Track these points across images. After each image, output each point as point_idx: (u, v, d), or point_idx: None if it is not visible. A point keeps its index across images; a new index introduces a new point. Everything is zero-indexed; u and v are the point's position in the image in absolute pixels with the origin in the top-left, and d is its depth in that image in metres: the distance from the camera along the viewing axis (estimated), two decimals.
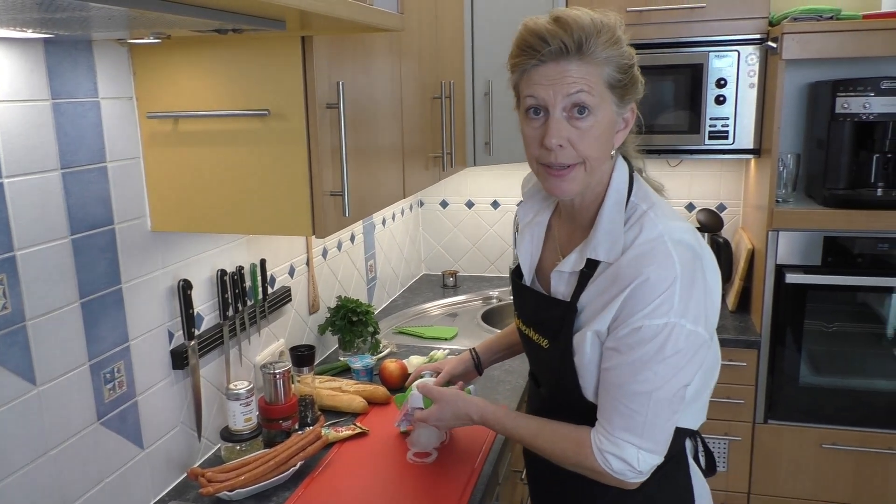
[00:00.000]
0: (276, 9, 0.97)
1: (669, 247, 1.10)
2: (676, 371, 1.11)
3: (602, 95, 1.12)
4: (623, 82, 1.13)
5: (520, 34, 1.14)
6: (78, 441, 1.31)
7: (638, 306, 1.09)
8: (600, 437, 1.15)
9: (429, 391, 1.47)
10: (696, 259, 1.13)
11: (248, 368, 1.83)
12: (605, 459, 1.14)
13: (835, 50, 2.22)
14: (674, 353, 1.10)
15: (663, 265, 1.09)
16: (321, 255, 2.26)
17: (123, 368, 1.41)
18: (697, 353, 1.13)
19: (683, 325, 1.09)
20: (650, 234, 1.13)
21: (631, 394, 1.12)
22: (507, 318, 2.82)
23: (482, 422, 1.38)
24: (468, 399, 1.42)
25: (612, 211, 1.18)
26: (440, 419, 1.44)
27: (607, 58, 1.11)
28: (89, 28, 1.04)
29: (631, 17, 2.48)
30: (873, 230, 2.29)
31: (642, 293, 1.09)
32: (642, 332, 1.09)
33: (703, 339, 1.13)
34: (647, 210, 1.17)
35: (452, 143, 2.23)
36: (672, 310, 1.08)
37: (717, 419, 2.50)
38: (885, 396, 2.41)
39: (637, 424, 1.12)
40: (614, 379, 1.14)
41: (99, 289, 1.34)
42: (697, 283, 1.11)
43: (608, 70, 1.11)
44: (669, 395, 1.12)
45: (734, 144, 2.49)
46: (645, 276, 1.09)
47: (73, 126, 1.26)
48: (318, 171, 1.36)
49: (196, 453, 1.65)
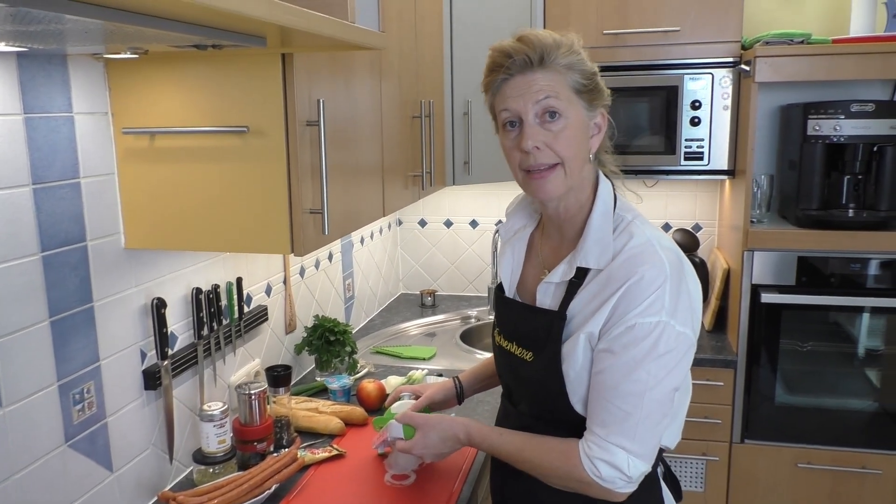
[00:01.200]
0: (256, 25, 0.96)
1: (658, 249, 1.15)
2: (668, 371, 1.13)
3: (570, 99, 1.19)
4: (588, 87, 1.20)
5: (488, 56, 1.22)
6: (45, 464, 1.27)
7: (631, 305, 1.13)
8: (590, 443, 1.16)
9: (410, 418, 1.43)
10: (681, 265, 1.18)
11: (223, 389, 1.80)
12: (595, 467, 1.14)
13: (806, 73, 2.27)
14: (666, 352, 1.13)
15: (655, 265, 1.14)
16: (299, 273, 2.24)
17: (93, 389, 1.38)
18: (686, 355, 1.17)
19: (674, 325, 1.13)
20: (640, 239, 1.18)
21: (624, 394, 1.13)
22: (486, 338, 2.81)
23: (468, 440, 1.35)
24: (452, 419, 1.39)
25: (600, 221, 1.22)
26: (426, 446, 1.39)
27: (569, 65, 1.18)
28: (64, 42, 1.03)
29: (607, 40, 2.51)
30: (845, 250, 2.32)
31: (636, 291, 1.13)
32: (636, 330, 1.12)
33: (691, 341, 1.17)
34: (632, 219, 1.22)
35: (432, 162, 2.23)
36: (664, 309, 1.12)
37: (694, 439, 2.51)
38: (858, 415, 2.43)
39: (629, 427, 1.13)
40: (607, 381, 1.15)
41: (70, 307, 1.31)
42: (683, 288, 1.16)
43: (572, 76, 1.19)
44: (661, 397, 1.14)
45: (709, 165, 2.53)
46: (640, 275, 1.13)
47: (45, 141, 1.24)
48: (297, 188, 1.35)
49: (167, 476, 1.61)
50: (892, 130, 2.27)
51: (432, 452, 1.41)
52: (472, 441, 1.35)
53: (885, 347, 2.41)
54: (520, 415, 1.37)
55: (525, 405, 1.36)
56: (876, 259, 2.32)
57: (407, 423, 1.43)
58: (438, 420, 1.40)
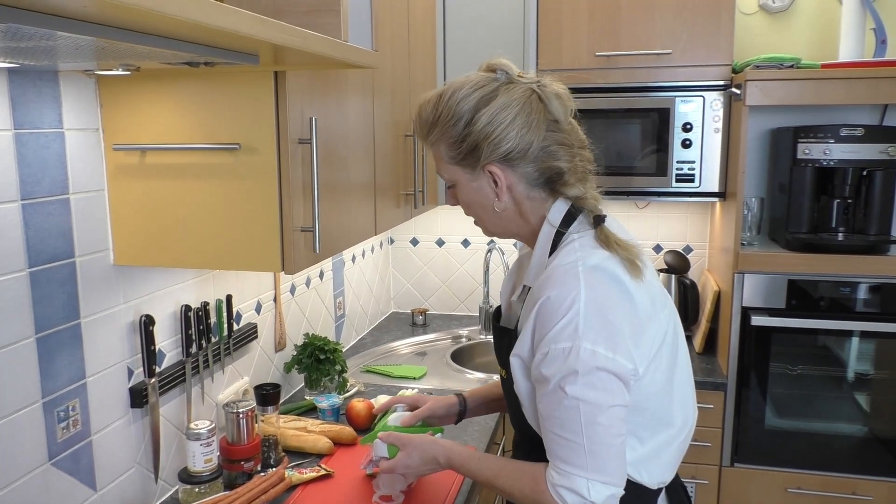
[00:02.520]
0: (249, 42, 0.96)
1: (579, 270, 1.11)
2: (597, 393, 1.08)
3: (451, 171, 1.23)
4: (460, 154, 1.20)
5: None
6: (27, 483, 1.25)
7: (545, 329, 1.10)
8: (551, 471, 1.14)
9: (395, 438, 1.42)
10: (613, 283, 1.12)
11: (211, 407, 1.78)
12: (559, 494, 1.12)
13: (795, 97, 2.29)
14: (587, 376, 1.07)
15: (564, 286, 1.10)
16: (289, 291, 2.23)
17: (79, 406, 1.36)
18: (619, 380, 1.09)
19: (590, 348, 1.07)
20: (564, 259, 1.15)
21: (562, 423, 1.10)
22: (477, 358, 2.80)
23: (448, 464, 1.34)
24: (435, 441, 1.38)
25: (542, 240, 1.22)
26: (408, 466, 1.38)
27: (438, 139, 1.21)
28: (56, 58, 1.03)
29: (600, 62, 2.53)
30: (835, 274, 2.33)
31: (545, 314, 1.11)
32: (549, 356, 1.10)
33: (626, 367, 1.09)
34: (575, 240, 1.18)
35: (424, 180, 2.23)
36: (576, 333, 1.07)
37: (684, 462, 2.46)
38: (848, 440, 2.43)
39: (577, 455, 1.09)
40: (543, 411, 1.14)
41: (56, 323, 1.30)
42: (613, 310, 1.10)
43: (443, 149, 1.22)
44: (599, 419, 1.08)
45: (700, 187, 2.54)
46: (546, 296, 1.11)
47: (35, 157, 1.23)
48: (288, 206, 1.34)
49: (152, 496, 1.59)
50: (882, 155, 2.29)
51: (413, 473, 1.41)
52: (452, 465, 1.34)
53: (875, 372, 2.42)
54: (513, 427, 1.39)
55: (511, 420, 1.38)
56: (865, 283, 2.33)
57: (392, 442, 1.42)
58: (421, 441, 1.39)
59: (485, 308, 2.93)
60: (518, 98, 1.16)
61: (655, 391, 1.18)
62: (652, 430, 1.21)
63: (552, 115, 1.17)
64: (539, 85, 1.18)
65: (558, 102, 1.18)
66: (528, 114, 1.16)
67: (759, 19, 2.76)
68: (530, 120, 1.16)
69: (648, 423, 1.20)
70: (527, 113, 1.16)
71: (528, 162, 1.18)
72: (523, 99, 1.16)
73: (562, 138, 1.18)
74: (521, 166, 1.18)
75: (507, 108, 1.15)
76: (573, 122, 1.22)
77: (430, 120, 1.21)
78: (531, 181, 1.20)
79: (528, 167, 1.18)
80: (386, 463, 1.41)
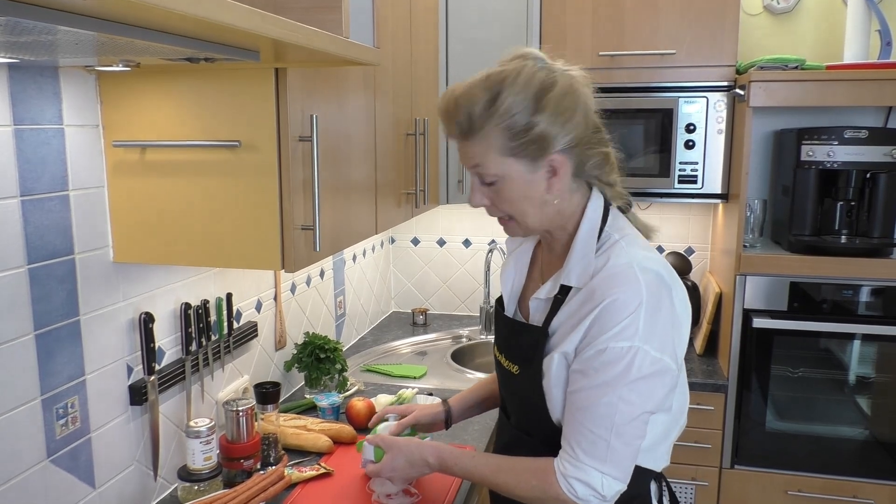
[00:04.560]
0: (249, 38, 0.96)
1: (637, 272, 1.13)
2: (640, 396, 1.12)
3: (501, 164, 1.15)
4: (522, 146, 1.13)
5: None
6: (25, 480, 1.24)
7: (605, 328, 1.11)
8: (564, 462, 1.14)
9: (381, 441, 1.42)
10: (663, 288, 1.14)
11: (210, 405, 1.78)
12: (570, 485, 1.13)
13: (800, 99, 2.28)
14: (637, 378, 1.11)
15: (631, 289, 1.11)
16: (290, 289, 2.22)
17: (78, 403, 1.35)
18: (663, 381, 1.14)
19: (647, 350, 1.10)
20: (619, 260, 1.15)
21: (595, 417, 1.12)
22: (477, 358, 2.80)
23: (440, 464, 1.33)
24: (422, 443, 1.38)
25: (585, 239, 1.21)
26: (394, 469, 1.38)
27: (492, 131, 1.13)
28: (56, 53, 1.02)
29: (604, 61, 2.52)
30: (837, 276, 2.32)
31: (609, 314, 1.11)
32: (607, 354, 1.11)
33: (670, 368, 1.14)
34: (618, 240, 1.20)
35: (426, 180, 2.22)
36: (637, 334, 1.10)
37: (684, 463, 2.49)
38: (849, 443, 2.42)
39: (600, 450, 1.12)
40: (579, 402, 1.14)
41: (55, 320, 1.29)
42: (663, 312, 1.13)
43: (499, 141, 1.14)
44: (632, 421, 1.12)
45: (703, 189, 2.53)
46: (613, 298, 1.11)
47: (34, 153, 1.23)
48: (289, 204, 1.34)
49: (151, 493, 1.58)
50: (886, 157, 2.28)
51: (400, 476, 1.40)
52: (444, 464, 1.33)
53: (876, 375, 2.41)
54: (511, 427, 1.38)
55: (515, 418, 1.36)
56: (868, 286, 2.32)
57: (378, 444, 1.42)
58: (406, 443, 1.39)
59: (485, 308, 2.92)
60: (573, 84, 1.16)
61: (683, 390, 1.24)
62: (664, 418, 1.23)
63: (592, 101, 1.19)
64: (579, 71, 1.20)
65: (590, 90, 1.20)
66: (585, 99, 1.17)
67: (763, 20, 2.75)
68: (587, 106, 1.17)
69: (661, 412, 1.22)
70: (584, 99, 1.16)
71: (585, 148, 1.18)
72: (577, 84, 1.16)
73: (602, 123, 1.21)
74: (577, 154, 1.18)
75: (569, 95, 1.14)
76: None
77: (482, 112, 1.13)
78: (578, 170, 1.20)
79: (583, 154, 1.18)
80: (373, 466, 1.42)
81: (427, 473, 1.39)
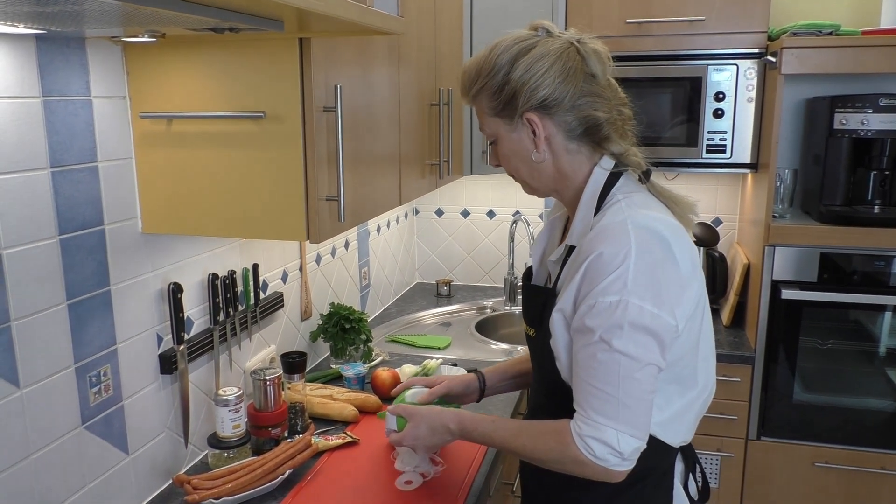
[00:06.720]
0: (274, 7, 0.95)
1: (629, 228, 1.13)
2: (638, 348, 1.10)
3: (492, 124, 1.26)
4: (500, 105, 1.22)
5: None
6: (61, 445, 1.28)
7: (593, 283, 1.12)
8: (579, 423, 1.14)
9: (403, 410, 1.43)
10: (659, 243, 1.13)
11: (238, 374, 1.80)
12: (587, 445, 1.12)
13: (833, 65, 2.22)
14: (632, 332, 1.09)
15: (617, 242, 1.12)
16: (315, 260, 2.24)
17: (110, 372, 1.38)
18: (661, 336, 1.11)
19: (638, 303, 1.09)
20: (614, 218, 1.16)
21: (599, 375, 1.12)
22: (501, 329, 2.80)
23: (461, 430, 1.34)
24: (443, 410, 1.39)
25: (586, 201, 1.23)
26: (416, 437, 1.39)
27: (479, 92, 1.24)
28: (82, 24, 1.03)
29: (631, 29, 2.48)
30: (869, 247, 2.28)
31: (595, 268, 1.12)
32: (596, 308, 1.11)
33: (668, 323, 1.12)
34: (620, 200, 1.20)
35: (450, 151, 2.21)
36: (625, 287, 1.09)
37: (709, 434, 2.48)
38: (877, 415, 2.39)
39: (611, 406, 1.11)
40: (581, 361, 1.14)
41: (87, 290, 1.32)
42: (660, 267, 1.12)
43: (484, 102, 1.25)
44: (637, 373, 1.11)
45: (731, 158, 2.49)
46: (598, 252, 1.12)
47: (63, 124, 1.24)
48: (313, 175, 1.34)
49: (182, 460, 1.62)
50: None
51: (423, 444, 1.41)
52: (465, 430, 1.33)
53: None
54: (535, 392, 1.40)
55: (536, 382, 1.39)
56: None
57: (399, 413, 1.43)
58: (428, 411, 1.40)
59: (509, 279, 2.92)
60: (556, 49, 1.19)
61: (686, 351, 1.20)
62: (679, 390, 1.22)
63: (589, 69, 1.20)
64: (578, 40, 1.22)
65: (596, 58, 1.20)
66: (564, 63, 1.18)
67: None
68: (567, 69, 1.18)
69: (676, 383, 1.21)
70: (563, 62, 1.18)
71: (564, 111, 1.20)
72: (560, 50, 1.19)
73: (599, 90, 1.21)
74: (558, 115, 1.20)
75: (544, 58, 1.19)
76: (611, 80, 1.24)
77: (473, 74, 1.24)
78: (570, 132, 1.21)
79: (565, 116, 1.20)
80: (395, 435, 1.43)
81: (449, 441, 1.39)
